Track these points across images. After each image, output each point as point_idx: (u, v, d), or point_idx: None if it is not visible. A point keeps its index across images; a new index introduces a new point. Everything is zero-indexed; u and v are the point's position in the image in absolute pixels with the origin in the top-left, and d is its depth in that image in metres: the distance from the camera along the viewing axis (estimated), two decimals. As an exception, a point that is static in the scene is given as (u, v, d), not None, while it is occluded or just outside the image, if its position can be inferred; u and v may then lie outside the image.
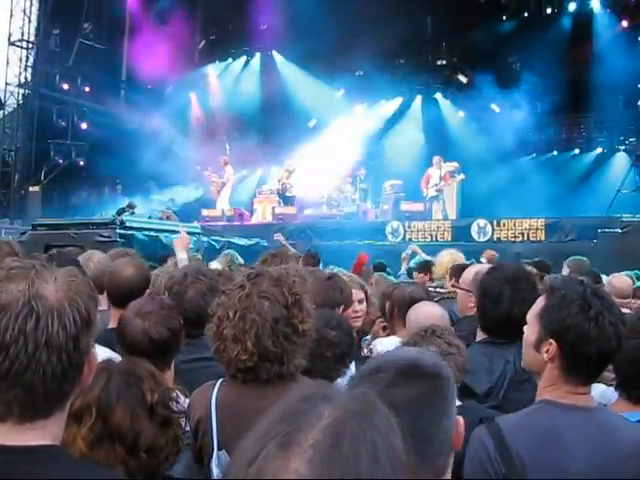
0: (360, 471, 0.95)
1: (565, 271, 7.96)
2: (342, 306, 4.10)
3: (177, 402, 2.11)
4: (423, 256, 10.13)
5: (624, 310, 3.74)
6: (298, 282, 2.61)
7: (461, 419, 1.72)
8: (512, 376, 3.11)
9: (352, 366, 3.47)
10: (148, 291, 4.36)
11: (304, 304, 2.55)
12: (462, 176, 18.43)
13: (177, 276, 3.85)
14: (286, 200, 20.00)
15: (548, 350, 2.28)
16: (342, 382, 3.28)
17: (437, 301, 4.79)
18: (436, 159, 18.46)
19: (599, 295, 2.29)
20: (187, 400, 2.55)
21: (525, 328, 2.45)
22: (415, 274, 8.77)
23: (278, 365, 2.43)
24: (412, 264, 10.12)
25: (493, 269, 3.65)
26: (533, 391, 2.44)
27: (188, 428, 2.43)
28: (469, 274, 4.36)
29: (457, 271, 6.12)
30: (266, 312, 2.42)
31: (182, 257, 5.50)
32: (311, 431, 0.97)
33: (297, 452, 0.95)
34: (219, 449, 2.44)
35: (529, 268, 7.62)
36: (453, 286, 5.36)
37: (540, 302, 2.38)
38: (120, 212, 19.16)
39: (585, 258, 8.38)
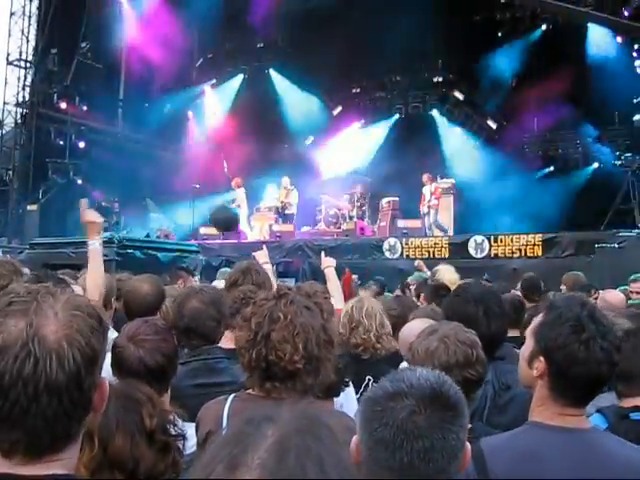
0: None
1: (562, 287, 8.00)
2: None
3: (175, 425, 2.10)
4: (427, 273, 10.05)
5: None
6: (325, 299, 2.67)
7: (468, 445, 1.77)
8: (493, 397, 3.12)
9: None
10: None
11: (332, 319, 2.62)
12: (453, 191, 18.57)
13: (184, 290, 3.93)
14: (285, 218, 20.04)
15: (538, 367, 2.29)
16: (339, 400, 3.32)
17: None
18: (425, 177, 18.41)
19: (596, 319, 2.27)
20: (185, 424, 2.54)
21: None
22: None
23: (314, 376, 2.46)
24: (410, 279, 10.11)
25: (460, 291, 3.66)
26: (516, 412, 2.44)
27: (188, 452, 2.43)
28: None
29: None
30: (311, 319, 2.48)
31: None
32: (257, 451, 0.99)
33: (244, 473, 0.97)
34: None
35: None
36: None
37: (538, 318, 2.39)
38: (98, 208, 19.18)
39: (581, 273, 8.43)
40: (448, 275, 7.17)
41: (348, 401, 3.46)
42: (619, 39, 20.52)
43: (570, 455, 2.17)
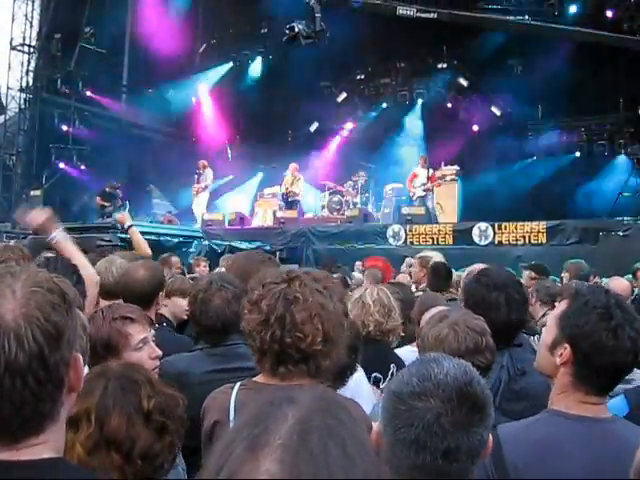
0: (331, 466, 0.95)
1: (564, 274, 8.00)
2: None
3: (177, 408, 2.10)
4: None
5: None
6: (334, 283, 2.63)
7: (491, 437, 1.76)
8: (507, 382, 3.11)
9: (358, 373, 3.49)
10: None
11: (344, 301, 2.59)
12: (454, 178, 18.52)
13: (202, 283, 3.82)
14: (289, 204, 19.98)
15: (562, 354, 2.25)
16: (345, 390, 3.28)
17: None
18: (422, 159, 18.66)
19: (622, 307, 2.23)
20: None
21: (544, 329, 2.43)
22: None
23: (329, 358, 2.41)
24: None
25: (481, 276, 3.62)
26: (531, 399, 2.40)
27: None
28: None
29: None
30: (325, 300, 2.44)
31: None
32: (278, 431, 0.99)
33: (266, 453, 0.95)
34: None
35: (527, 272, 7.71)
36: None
37: (562, 305, 2.35)
38: (103, 194, 19.23)
39: (583, 261, 8.43)
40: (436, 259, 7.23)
41: (358, 387, 3.44)
42: (625, 26, 20.37)
43: (588, 445, 2.15)
